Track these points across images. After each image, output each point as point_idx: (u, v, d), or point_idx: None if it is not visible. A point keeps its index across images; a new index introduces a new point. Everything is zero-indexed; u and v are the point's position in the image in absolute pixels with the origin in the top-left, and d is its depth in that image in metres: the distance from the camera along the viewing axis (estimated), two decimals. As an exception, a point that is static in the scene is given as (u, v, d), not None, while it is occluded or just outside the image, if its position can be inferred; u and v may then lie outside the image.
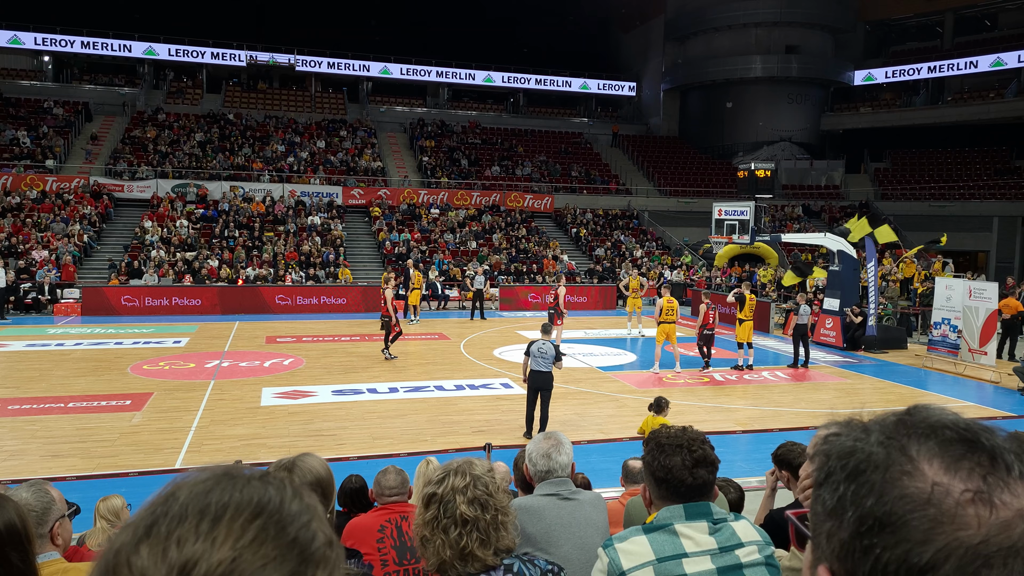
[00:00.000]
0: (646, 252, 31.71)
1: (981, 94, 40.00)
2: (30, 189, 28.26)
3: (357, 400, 12.24)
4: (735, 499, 4.23)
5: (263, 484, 0.70)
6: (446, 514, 2.02)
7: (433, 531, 2.02)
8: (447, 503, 2.03)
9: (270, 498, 0.68)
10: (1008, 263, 33.62)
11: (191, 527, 0.64)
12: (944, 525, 0.63)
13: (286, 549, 0.65)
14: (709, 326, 15.03)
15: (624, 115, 47.74)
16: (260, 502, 0.68)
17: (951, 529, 0.63)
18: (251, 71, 41.13)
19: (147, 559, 0.63)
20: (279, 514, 0.68)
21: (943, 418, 0.70)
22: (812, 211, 38.03)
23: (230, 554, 0.63)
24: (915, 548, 0.63)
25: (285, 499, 0.69)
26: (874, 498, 0.67)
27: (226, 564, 0.62)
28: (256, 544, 0.64)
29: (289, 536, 0.67)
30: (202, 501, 0.66)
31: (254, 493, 0.68)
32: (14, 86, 36.51)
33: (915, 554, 0.63)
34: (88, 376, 13.61)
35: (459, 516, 2.01)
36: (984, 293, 15.64)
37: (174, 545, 0.63)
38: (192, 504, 0.66)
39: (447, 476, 2.10)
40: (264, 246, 27.11)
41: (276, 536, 0.66)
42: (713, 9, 42.52)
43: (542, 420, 9.94)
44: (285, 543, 0.66)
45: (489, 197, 34.09)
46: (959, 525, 0.63)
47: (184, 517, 0.65)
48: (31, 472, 8.03)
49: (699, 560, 2.01)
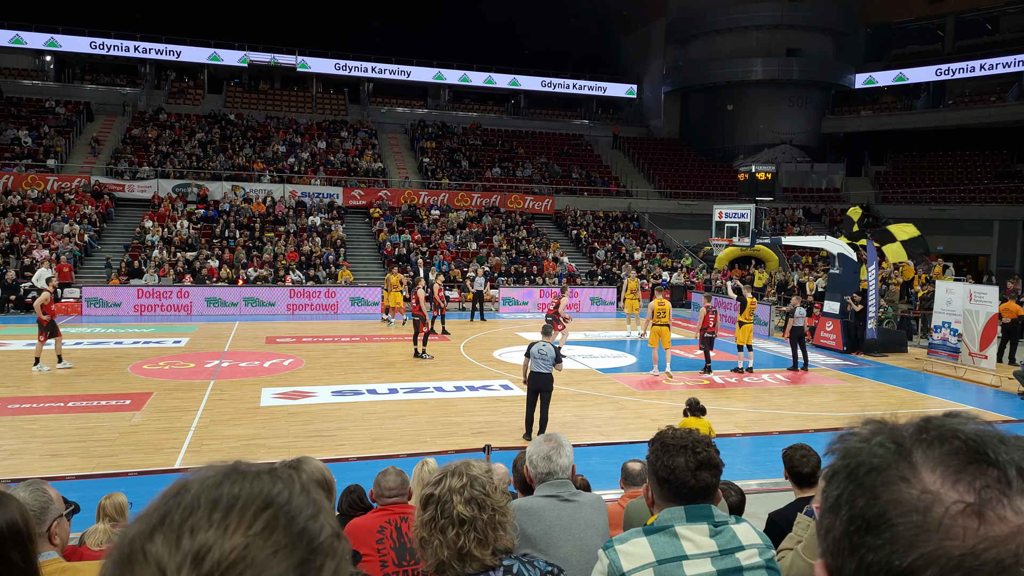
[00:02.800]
0: (646, 254, 31.72)
1: (982, 97, 40.03)
2: (31, 188, 28.27)
3: (357, 401, 12.24)
4: (736, 502, 4.24)
5: (272, 478, 0.72)
6: (443, 514, 2.02)
7: (431, 532, 2.02)
8: (444, 503, 2.04)
9: (279, 491, 0.70)
10: (1009, 267, 33.63)
11: (203, 516, 0.66)
12: (930, 533, 0.63)
13: (295, 538, 0.67)
14: (710, 329, 14.89)
15: (625, 117, 47.77)
16: (270, 494, 0.70)
17: (937, 538, 0.63)
18: (252, 71, 41.16)
19: (161, 547, 0.64)
20: (288, 506, 0.69)
21: (959, 427, 0.69)
22: (813, 214, 38.05)
23: (242, 541, 0.65)
24: (898, 552, 0.63)
25: (294, 492, 0.71)
26: (866, 499, 0.67)
27: (238, 551, 0.64)
28: (267, 532, 0.66)
29: (298, 526, 0.68)
30: (214, 493, 0.68)
31: (264, 486, 0.70)
32: (16, 85, 36.54)
33: (897, 557, 0.63)
34: (88, 376, 13.60)
35: (456, 516, 2.01)
36: (984, 297, 15.63)
37: (188, 533, 0.65)
38: (204, 495, 0.68)
39: (444, 477, 2.11)
40: (264, 246, 27.11)
41: (286, 526, 0.68)
42: (714, 12, 42.56)
43: (542, 422, 9.93)
44: (295, 533, 0.68)
45: (490, 198, 34.11)
46: (945, 535, 0.62)
47: (196, 507, 0.67)
48: (31, 471, 8.02)
49: (699, 562, 2.01)
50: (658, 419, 10.63)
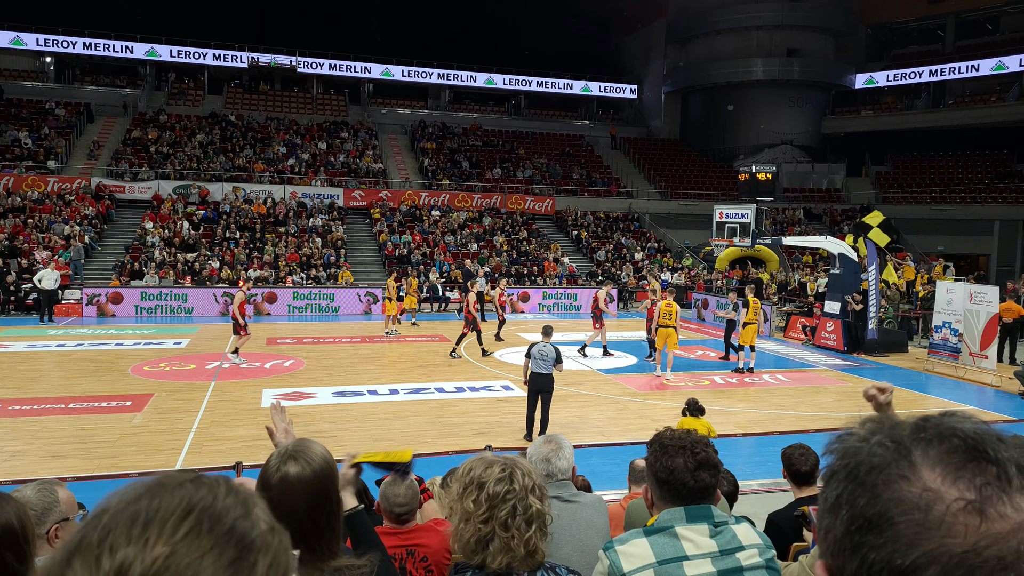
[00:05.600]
0: (647, 255, 31.72)
1: (982, 98, 40.03)
2: (31, 190, 28.28)
3: (358, 402, 12.24)
4: (729, 492, 4.24)
5: (195, 485, 0.70)
6: (523, 510, 1.98)
7: (505, 528, 1.96)
8: (521, 499, 1.99)
9: (201, 497, 0.69)
10: (1009, 267, 33.62)
11: (122, 533, 0.64)
12: (932, 531, 0.63)
13: (223, 539, 0.66)
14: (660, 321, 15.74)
15: (625, 118, 47.78)
16: (191, 502, 0.68)
17: (938, 536, 0.63)
18: (252, 72, 41.18)
19: (80, 571, 0.63)
20: (212, 509, 0.68)
21: (957, 426, 0.69)
22: (813, 214, 38.05)
23: (164, 550, 0.63)
24: (900, 550, 0.63)
25: (219, 495, 0.70)
26: (867, 498, 0.67)
27: (161, 560, 0.62)
28: (190, 537, 0.65)
29: (225, 527, 0.67)
30: (131, 508, 0.67)
31: (184, 495, 0.69)
32: (16, 87, 36.57)
33: (899, 556, 0.63)
34: (89, 377, 13.61)
35: (535, 512, 1.99)
36: (985, 297, 15.62)
37: (106, 552, 0.63)
38: (120, 514, 0.66)
39: (512, 472, 2.04)
40: (265, 247, 27.12)
41: (211, 528, 0.66)
42: (714, 12, 42.58)
43: (542, 422, 9.93)
44: (221, 533, 0.66)
45: (490, 199, 34.11)
46: (947, 532, 0.63)
47: (114, 526, 0.65)
48: (31, 473, 8.02)
49: (700, 563, 2.01)
50: (659, 420, 10.62)
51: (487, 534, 1.96)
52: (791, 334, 20.82)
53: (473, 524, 1.97)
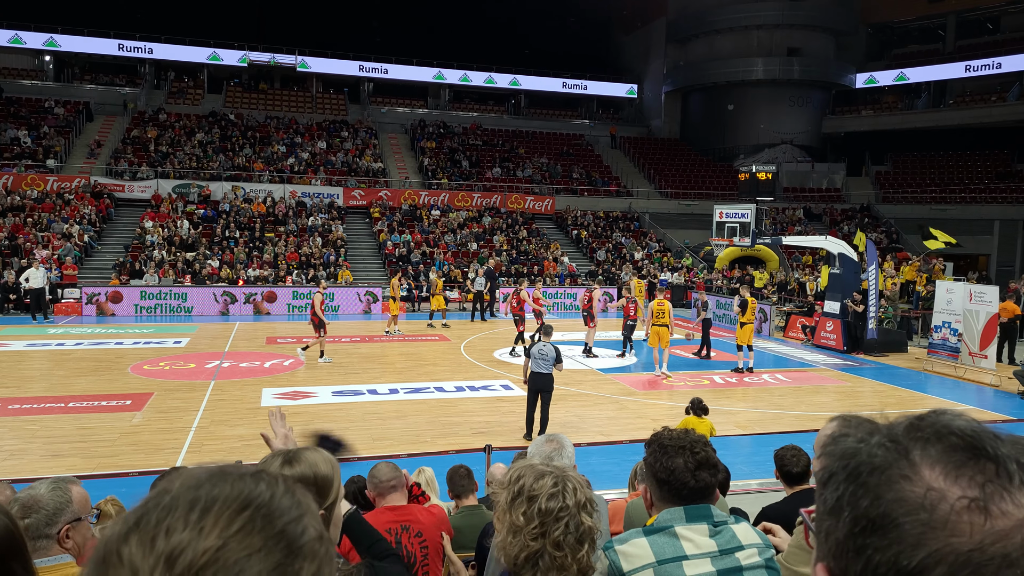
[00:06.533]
0: (647, 254, 31.72)
1: (983, 97, 40.01)
2: (31, 189, 28.27)
3: (357, 401, 12.25)
4: (721, 479, 4.26)
5: (255, 480, 0.71)
6: (574, 528, 1.88)
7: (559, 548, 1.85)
8: (573, 517, 1.88)
9: (260, 492, 0.70)
10: (1009, 266, 33.62)
11: (180, 517, 0.66)
12: (937, 530, 0.63)
13: (272, 541, 0.66)
14: (631, 318, 16.89)
15: (625, 117, 47.76)
16: (249, 496, 0.69)
17: (944, 535, 0.62)
18: (252, 71, 41.15)
19: (135, 549, 0.64)
20: (267, 507, 0.69)
21: (953, 424, 0.69)
22: (813, 214, 38.02)
23: (216, 542, 0.64)
24: (906, 551, 0.63)
25: (276, 494, 0.71)
26: (870, 500, 0.67)
27: (211, 552, 0.63)
28: (242, 534, 0.65)
29: (276, 528, 0.68)
30: (192, 494, 0.68)
31: (244, 487, 0.70)
32: (15, 85, 36.54)
33: (905, 557, 0.63)
34: (88, 376, 13.61)
35: (588, 529, 1.90)
36: (984, 297, 15.62)
37: (162, 534, 0.64)
38: (182, 496, 0.68)
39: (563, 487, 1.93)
40: (265, 247, 27.11)
41: (263, 528, 0.67)
42: (715, 11, 42.55)
43: (542, 422, 9.93)
44: (272, 535, 0.67)
45: (490, 198, 34.10)
46: (952, 531, 0.62)
47: (173, 508, 0.67)
48: (31, 472, 8.03)
49: (699, 562, 2.01)
50: (659, 419, 10.63)
51: (537, 551, 1.85)
52: (791, 334, 20.83)
53: (523, 539, 1.86)
